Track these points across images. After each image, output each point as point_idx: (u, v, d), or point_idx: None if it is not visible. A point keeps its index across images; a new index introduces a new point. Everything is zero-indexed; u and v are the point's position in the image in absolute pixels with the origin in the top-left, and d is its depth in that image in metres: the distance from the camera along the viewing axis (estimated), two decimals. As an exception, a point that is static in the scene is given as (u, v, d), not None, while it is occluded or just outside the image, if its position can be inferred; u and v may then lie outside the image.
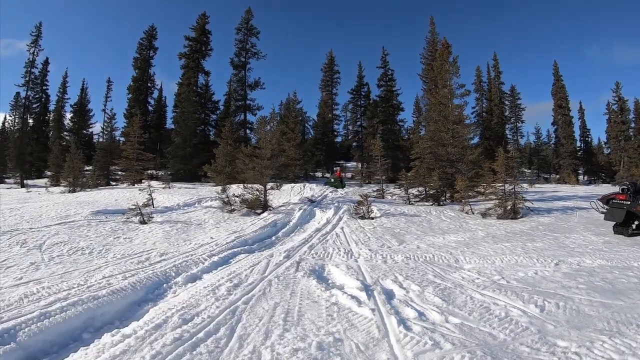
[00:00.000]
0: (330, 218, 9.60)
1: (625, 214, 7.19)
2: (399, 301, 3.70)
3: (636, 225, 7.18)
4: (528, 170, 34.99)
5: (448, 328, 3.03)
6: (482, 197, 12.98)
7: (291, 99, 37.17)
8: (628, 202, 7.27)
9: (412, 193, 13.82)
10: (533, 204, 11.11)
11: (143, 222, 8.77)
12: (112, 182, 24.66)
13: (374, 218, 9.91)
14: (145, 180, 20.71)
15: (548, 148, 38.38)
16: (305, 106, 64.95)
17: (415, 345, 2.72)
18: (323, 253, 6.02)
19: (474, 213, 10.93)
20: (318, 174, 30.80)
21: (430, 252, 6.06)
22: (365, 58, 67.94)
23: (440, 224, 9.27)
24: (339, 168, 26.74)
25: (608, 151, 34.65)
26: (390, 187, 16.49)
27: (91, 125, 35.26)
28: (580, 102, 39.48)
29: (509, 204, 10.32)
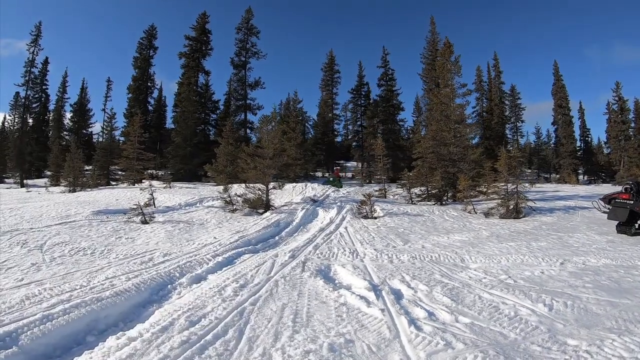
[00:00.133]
0: (333, 218, 9.56)
1: (628, 213, 7.20)
2: (408, 301, 3.67)
3: (639, 224, 7.17)
4: (528, 170, 35.00)
5: (459, 328, 3.02)
6: (484, 197, 12.97)
7: (292, 99, 37.20)
8: (631, 202, 7.29)
9: (415, 193, 13.78)
10: (535, 204, 11.11)
11: (145, 222, 8.72)
12: (112, 182, 24.58)
13: (377, 218, 9.87)
14: (145, 179, 20.64)
15: (548, 148, 38.40)
16: (305, 106, 65.13)
17: (427, 345, 2.70)
18: (328, 253, 5.98)
19: (477, 212, 10.91)
20: (318, 174, 30.74)
21: (435, 252, 6.05)
22: (365, 58, 68.01)
23: (443, 224, 9.25)
24: (339, 167, 26.69)
25: (608, 151, 34.68)
26: (392, 187, 16.48)
27: (91, 125, 35.34)
28: (580, 102, 39.61)
29: (512, 204, 10.31)
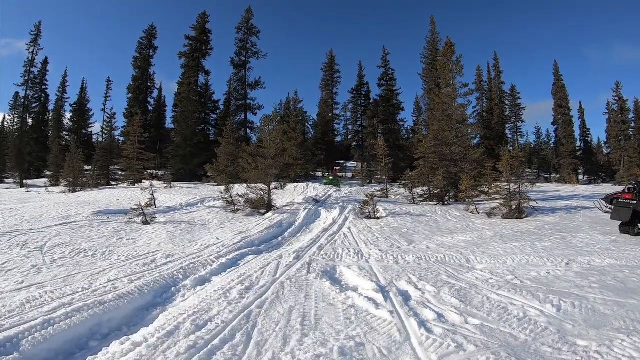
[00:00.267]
0: (336, 218, 9.51)
1: (631, 214, 7.19)
2: (417, 302, 3.63)
3: None
4: (528, 170, 35.01)
5: (469, 329, 3.00)
6: (486, 197, 12.95)
7: (292, 98, 37.12)
8: (634, 202, 7.30)
9: (417, 193, 13.75)
10: (537, 204, 11.09)
11: (146, 223, 8.65)
12: (112, 182, 24.49)
13: (380, 218, 9.83)
14: (146, 179, 20.57)
15: (548, 148, 38.42)
16: (305, 106, 65.06)
17: (438, 347, 2.67)
18: (333, 254, 5.94)
19: (479, 213, 10.89)
20: (318, 174, 30.71)
21: (440, 252, 6.02)
22: (365, 58, 67.67)
23: (447, 224, 9.23)
24: (339, 167, 26.63)
25: (607, 151, 34.73)
26: (394, 187, 16.44)
27: (91, 124, 35.28)
28: (580, 102, 39.65)
29: (514, 204, 10.30)
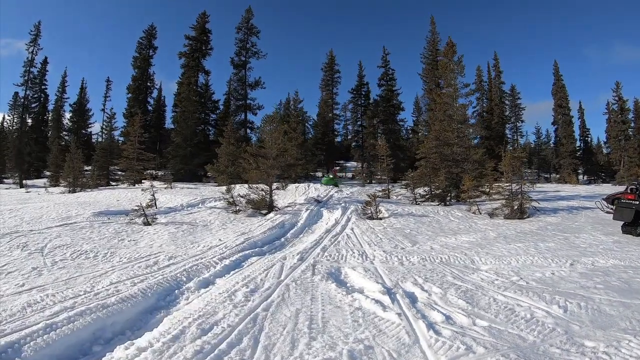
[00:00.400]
0: (338, 218, 9.47)
1: (634, 214, 7.20)
2: (424, 304, 3.61)
3: None
4: (528, 170, 35.04)
5: (477, 331, 2.99)
6: (486, 197, 12.93)
7: (293, 98, 37.08)
8: (637, 202, 7.30)
9: (419, 193, 13.72)
10: (539, 204, 11.09)
11: (147, 224, 8.58)
12: (112, 182, 24.43)
13: (382, 218, 9.80)
14: (146, 180, 20.50)
15: (548, 148, 38.45)
16: (305, 106, 65.01)
17: (448, 350, 2.66)
18: (337, 255, 5.91)
19: (481, 213, 10.87)
20: (318, 174, 30.70)
21: (445, 253, 6.00)
22: (365, 58, 67.47)
23: (449, 224, 9.21)
24: (339, 167, 26.60)
25: (607, 151, 34.77)
26: (395, 187, 16.42)
27: (90, 125, 35.18)
28: (580, 102, 39.63)
29: (516, 204, 10.28)
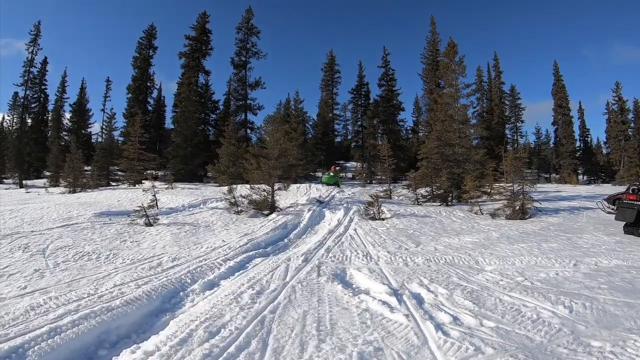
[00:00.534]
0: (341, 219, 9.45)
1: (636, 214, 7.22)
2: (430, 305, 3.62)
3: None
4: (528, 170, 35.09)
5: (485, 332, 3.01)
6: (488, 197, 12.95)
7: (293, 98, 37.07)
8: (639, 203, 7.30)
9: (421, 193, 13.72)
10: (541, 204, 11.11)
11: (149, 224, 8.55)
12: (113, 183, 24.38)
13: (385, 219, 9.77)
14: (147, 180, 20.46)
15: (548, 148, 38.53)
16: (305, 106, 64.82)
17: (457, 351, 2.67)
18: (341, 256, 5.90)
19: (483, 213, 10.88)
20: (318, 174, 30.69)
21: (449, 254, 6.01)
22: (365, 58, 67.50)
23: (452, 225, 9.21)
24: (339, 167, 26.55)
25: (607, 151, 34.86)
26: (397, 187, 16.42)
27: (90, 125, 35.11)
28: (579, 102, 39.77)
29: (518, 204, 10.30)
